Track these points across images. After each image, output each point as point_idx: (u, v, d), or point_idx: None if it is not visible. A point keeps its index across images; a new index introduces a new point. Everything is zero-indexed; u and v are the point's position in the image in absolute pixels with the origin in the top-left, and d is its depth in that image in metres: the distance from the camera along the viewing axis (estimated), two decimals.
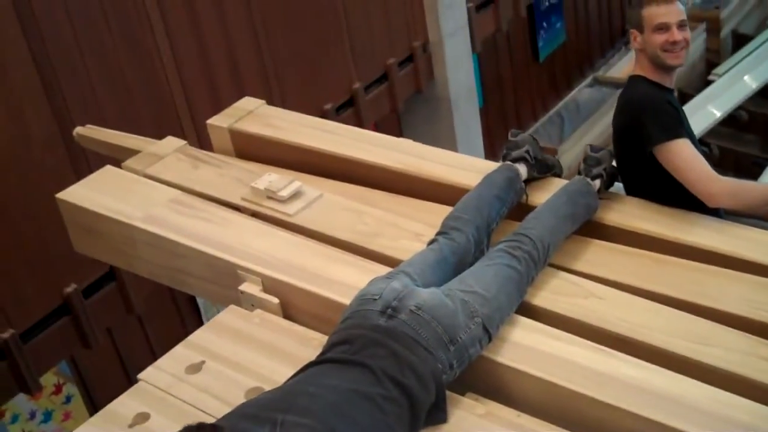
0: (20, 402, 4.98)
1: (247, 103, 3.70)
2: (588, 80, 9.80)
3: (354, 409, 2.11)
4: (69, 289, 4.70)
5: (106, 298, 4.93)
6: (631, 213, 2.88)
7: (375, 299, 2.39)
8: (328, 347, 2.35)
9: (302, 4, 5.77)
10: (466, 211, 2.76)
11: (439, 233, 2.72)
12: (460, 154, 3.39)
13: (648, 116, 2.78)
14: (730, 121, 8.40)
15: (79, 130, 3.93)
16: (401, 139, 3.40)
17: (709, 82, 8.65)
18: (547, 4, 8.99)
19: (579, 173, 2.91)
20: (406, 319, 2.31)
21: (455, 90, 7.01)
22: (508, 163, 2.94)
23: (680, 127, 2.80)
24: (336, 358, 2.28)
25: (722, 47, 9.61)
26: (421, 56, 6.76)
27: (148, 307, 5.20)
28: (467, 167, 3.13)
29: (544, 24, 9.11)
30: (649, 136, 2.77)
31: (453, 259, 2.62)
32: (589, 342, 2.43)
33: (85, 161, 4.41)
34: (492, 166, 3.04)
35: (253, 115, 3.62)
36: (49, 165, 4.45)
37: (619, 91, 3.05)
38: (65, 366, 5.18)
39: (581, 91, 9.66)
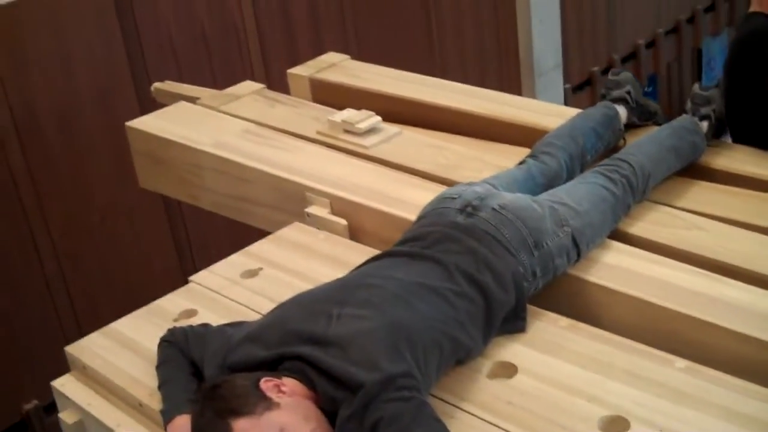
0: None
1: (331, 57, 3.56)
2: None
3: (419, 301, 1.88)
4: None
5: None
6: (740, 159, 2.61)
7: (454, 198, 2.17)
8: (397, 244, 2.13)
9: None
10: (560, 138, 2.53)
11: (528, 156, 2.49)
12: (546, 102, 3.17)
13: None
14: None
15: (156, 85, 3.83)
16: (485, 90, 3.19)
17: None
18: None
19: (685, 112, 2.66)
20: (488, 217, 2.08)
21: None
22: (607, 101, 2.70)
23: None
24: (403, 251, 2.06)
25: None
26: None
27: None
28: (555, 113, 2.89)
29: None
30: None
31: (542, 180, 2.39)
32: (690, 267, 2.16)
33: None
34: None
35: (337, 67, 3.46)
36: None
37: None
38: None
39: None
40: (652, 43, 7.24)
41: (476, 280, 1.94)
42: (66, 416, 2.11)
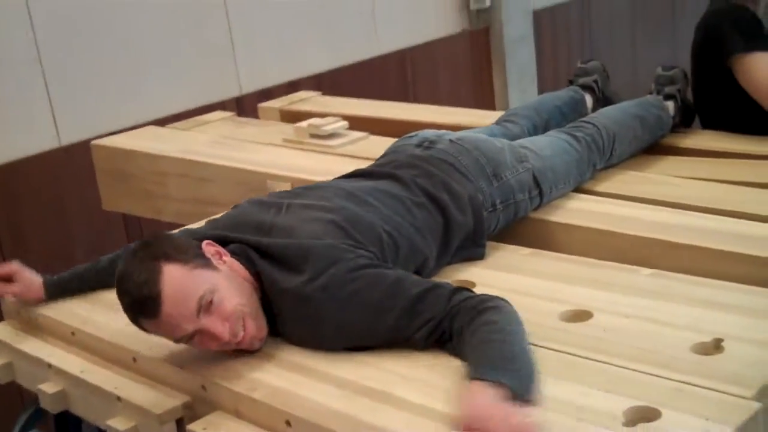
0: None
1: (303, 93, 3.57)
2: None
3: (375, 200, 1.81)
4: None
5: None
6: (710, 138, 2.55)
7: (412, 137, 2.13)
8: None
9: None
10: (524, 110, 2.49)
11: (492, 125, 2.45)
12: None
13: (728, 26, 2.50)
14: None
15: None
16: (456, 108, 3.18)
17: None
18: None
19: (650, 93, 2.62)
20: (445, 147, 2.03)
21: None
22: (575, 86, 2.67)
23: (763, 40, 2.51)
24: (361, 171, 2.01)
25: None
26: None
27: None
28: None
29: None
30: (728, 48, 2.48)
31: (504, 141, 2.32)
32: (654, 206, 2.07)
33: None
34: None
35: (307, 100, 3.47)
36: None
37: None
38: None
39: None
40: None
41: (434, 197, 1.87)
42: None
